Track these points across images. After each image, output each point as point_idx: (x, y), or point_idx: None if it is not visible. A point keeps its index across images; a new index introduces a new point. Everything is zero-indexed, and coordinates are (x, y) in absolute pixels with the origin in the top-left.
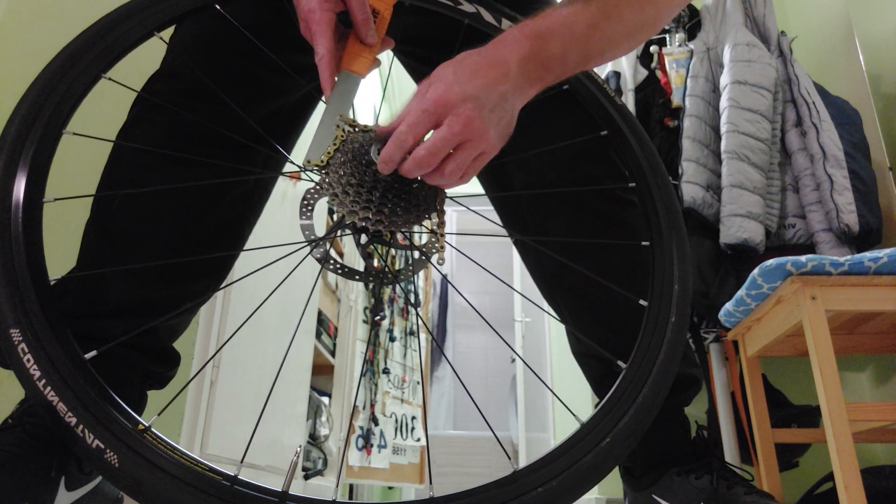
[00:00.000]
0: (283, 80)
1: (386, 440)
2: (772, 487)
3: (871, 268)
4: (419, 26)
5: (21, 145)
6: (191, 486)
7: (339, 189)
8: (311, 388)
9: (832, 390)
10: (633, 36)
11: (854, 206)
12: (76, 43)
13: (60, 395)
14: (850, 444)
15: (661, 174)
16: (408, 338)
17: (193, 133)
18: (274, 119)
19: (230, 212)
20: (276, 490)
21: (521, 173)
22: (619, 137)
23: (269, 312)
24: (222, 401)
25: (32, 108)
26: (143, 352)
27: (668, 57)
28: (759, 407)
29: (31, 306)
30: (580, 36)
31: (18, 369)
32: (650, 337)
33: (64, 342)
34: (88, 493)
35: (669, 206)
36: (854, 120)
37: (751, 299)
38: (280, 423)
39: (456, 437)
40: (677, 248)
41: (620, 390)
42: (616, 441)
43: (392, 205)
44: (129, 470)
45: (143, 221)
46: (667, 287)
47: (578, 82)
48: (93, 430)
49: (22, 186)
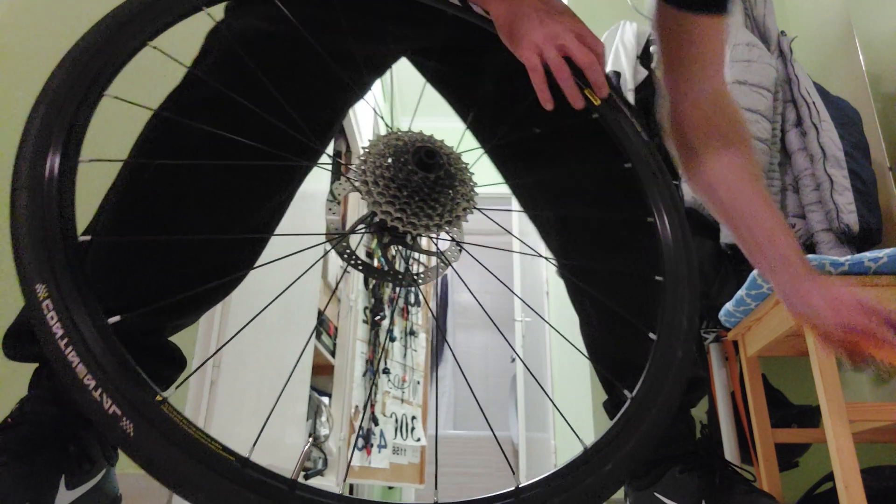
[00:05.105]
0: (332, 72)
1: (386, 440)
2: (772, 487)
3: (871, 268)
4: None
5: (64, 100)
6: (202, 464)
7: (370, 178)
8: (311, 388)
9: (832, 390)
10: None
11: (854, 206)
12: (127, 7)
13: (81, 356)
14: (850, 444)
15: (679, 212)
16: (408, 338)
17: (241, 116)
18: (318, 111)
19: (272, 199)
20: (285, 477)
21: (548, 194)
22: (641, 171)
23: (270, 312)
24: (222, 401)
25: (77, 66)
26: (153, 339)
27: None
28: (759, 407)
29: (59, 263)
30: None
31: (41, 326)
32: (657, 369)
33: (88, 304)
34: (88, 491)
35: (684, 243)
36: (854, 120)
37: (751, 299)
38: (280, 423)
39: (456, 437)
40: (689, 285)
41: (625, 418)
42: (617, 467)
43: (416, 207)
44: (143, 441)
45: (189, 195)
46: (676, 323)
47: (609, 113)
48: (111, 396)
49: (61, 142)
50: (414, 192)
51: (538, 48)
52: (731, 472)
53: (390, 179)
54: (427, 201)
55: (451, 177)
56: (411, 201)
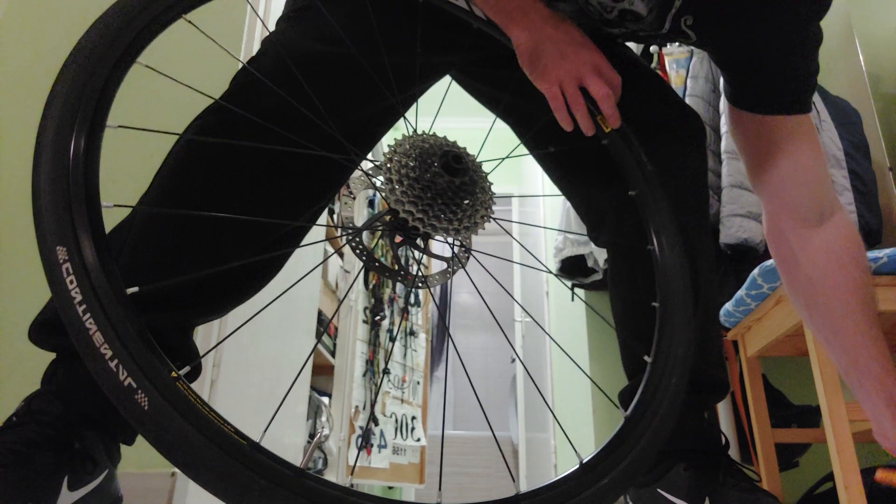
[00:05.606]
0: (379, 84)
1: (386, 440)
2: (772, 487)
3: (871, 268)
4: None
5: (96, 65)
6: (214, 444)
7: (395, 176)
8: (311, 388)
9: (832, 390)
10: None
11: (854, 206)
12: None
13: (99, 324)
14: (850, 444)
15: (678, 241)
16: (408, 338)
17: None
18: (361, 122)
19: (316, 203)
20: (294, 465)
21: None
22: (645, 199)
23: (270, 312)
24: (222, 400)
25: (112, 30)
26: (179, 338)
27: (669, 57)
28: (759, 407)
29: (81, 228)
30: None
31: (59, 291)
32: (653, 391)
33: (109, 272)
34: (90, 492)
35: (682, 272)
36: (854, 120)
37: (751, 299)
38: (280, 423)
39: (456, 437)
40: (685, 313)
41: (622, 435)
42: (614, 482)
43: (437, 210)
44: (158, 415)
45: (236, 184)
46: (673, 349)
47: (618, 141)
48: (127, 367)
49: (92, 104)
50: (437, 194)
51: (559, 81)
52: (735, 470)
53: (415, 180)
54: (449, 205)
55: (474, 183)
56: (434, 203)
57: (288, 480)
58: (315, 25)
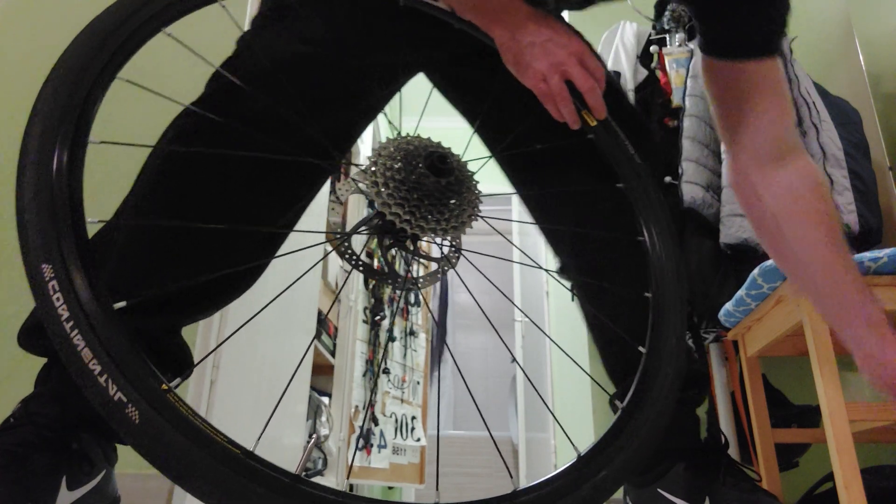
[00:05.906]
0: (359, 84)
1: (386, 440)
2: (772, 487)
3: (871, 268)
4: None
5: (76, 82)
6: (208, 454)
7: (381, 179)
8: (311, 388)
9: (832, 390)
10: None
11: (854, 205)
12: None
13: (87, 340)
14: (850, 444)
15: (669, 231)
16: (408, 338)
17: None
18: (342, 122)
19: (294, 205)
20: (289, 472)
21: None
22: (632, 191)
23: (269, 312)
24: (222, 400)
25: (91, 47)
26: (168, 338)
27: (668, 57)
28: (759, 407)
29: (66, 244)
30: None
31: (46, 309)
32: (649, 382)
33: (95, 288)
34: (89, 492)
35: (673, 262)
36: (854, 120)
37: (751, 299)
38: (280, 423)
39: (456, 437)
40: (677, 303)
41: (618, 427)
42: (611, 475)
43: (424, 211)
44: (149, 428)
45: (210, 189)
46: (664, 340)
47: (603, 134)
48: (116, 382)
49: (73, 120)
50: (424, 195)
51: (543, 76)
52: (736, 470)
53: (401, 182)
54: (436, 205)
55: (460, 183)
56: (421, 204)
57: (284, 487)
58: (295, 26)
